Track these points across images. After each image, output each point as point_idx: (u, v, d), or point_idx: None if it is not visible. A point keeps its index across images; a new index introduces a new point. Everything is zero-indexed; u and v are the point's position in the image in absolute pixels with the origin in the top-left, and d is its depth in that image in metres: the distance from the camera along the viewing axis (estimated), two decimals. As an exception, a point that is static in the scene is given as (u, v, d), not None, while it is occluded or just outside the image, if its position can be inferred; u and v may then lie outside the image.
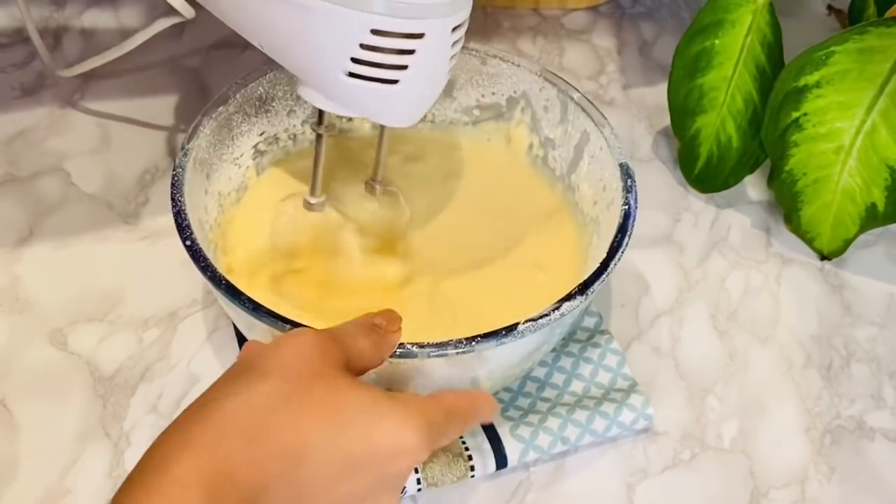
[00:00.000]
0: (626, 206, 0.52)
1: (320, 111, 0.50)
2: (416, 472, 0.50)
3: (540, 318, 0.45)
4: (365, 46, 0.44)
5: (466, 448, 0.52)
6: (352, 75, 0.45)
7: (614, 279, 0.62)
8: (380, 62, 0.45)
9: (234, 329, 0.57)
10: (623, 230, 0.50)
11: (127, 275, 0.60)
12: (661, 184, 0.70)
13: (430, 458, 0.51)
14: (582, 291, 0.47)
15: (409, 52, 0.45)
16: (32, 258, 0.61)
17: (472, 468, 0.51)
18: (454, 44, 0.47)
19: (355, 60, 0.45)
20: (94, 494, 0.51)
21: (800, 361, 0.60)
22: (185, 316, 0.58)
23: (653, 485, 0.53)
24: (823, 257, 0.66)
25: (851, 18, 0.74)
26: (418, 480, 0.50)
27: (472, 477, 0.51)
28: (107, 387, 0.55)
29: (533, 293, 0.53)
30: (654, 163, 0.71)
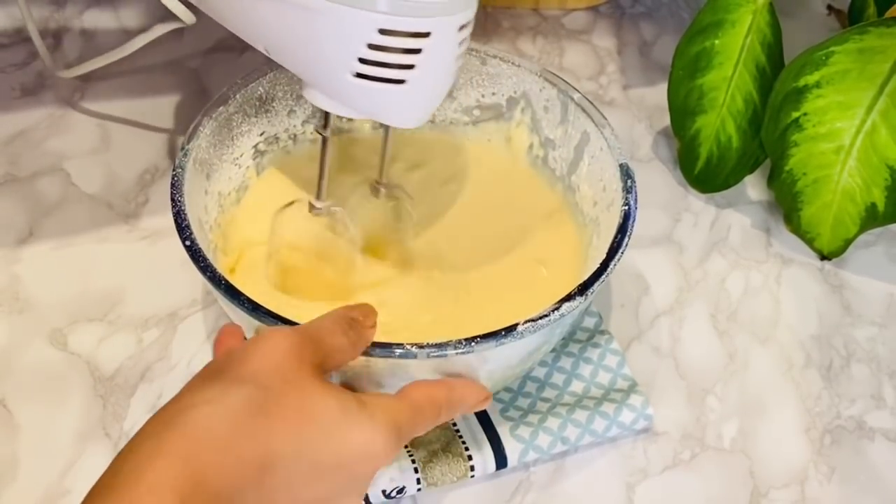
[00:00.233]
0: (626, 207, 0.52)
1: (326, 114, 0.50)
2: (416, 472, 0.50)
3: (540, 319, 0.45)
4: (372, 46, 0.44)
5: (466, 448, 0.52)
6: (359, 76, 0.45)
7: (614, 279, 0.62)
8: (387, 62, 0.45)
9: (234, 329, 0.57)
10: (623, 231, 0.50)
11: (127, 275, 0.60)
12: (661, 184, 0.70)
13: (429, 458, 0.51)
14: (582, 292, 0.47)
15: (416, 51, 0.45)
16: (32, 258, 0.61)
17: (472, 468, 0.51)
18: (461, 43, 0.46)
19: (363, 61, 0.44)
20: (94, 494, 0.50)
21: (800, 361, 0.60)
22: (185, 316, 0.58)
23: (653, 485, 0.53)
24: (823, 257, 0.66)
25: (851, 18, 0.74)
26: (418, 480, 0.50)
27: (472, 477, 0.51)
28: (107, 387, 0.55)
29: (533, 293, 0.53)
30: (654, 163, 0.71)
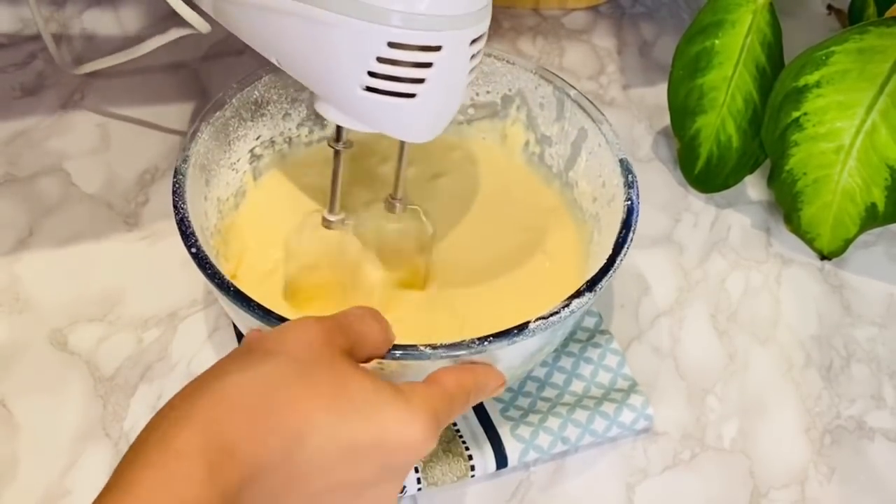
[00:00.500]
0: (629, 202, 0.52)
1: (338, 128, 0.49)
2: (416, 471, 0.50)
3: (550, 317, 0.45)
4: (382, 60, 0.43)
5: (466, 448, 0.52)
6: (369, 89, 0.44)
7: (615, 279, 0.62)
8: (397, 75, 0.44)
9: (234, 329, 0.57)
10: (627, 226, 0.50)
11: (127, 275, 0.60)
12: (661, 184, 0.70)
13: (430, 457, 0.51)
14: (591, 288, 0.47)
15: (427, 65, 0.44)
16: (32, 258, 0.61)
17: (472, 468, 0.51)
18: (473, 57, 0.45)
19: (372, 74, 0.44)
20: (94, 494, 0.50)
21: (800, 361, 0.60)
22: (185, 316, 0.58)
23: (653, 485, 0.53)
24: (823, 257, 0.66)
25: (851, 18, 0.74)
26: (418, 480, 0.50)
27: (472, 477, 0.51)
28: (107, 387, 0.55)
29: (536, 292, 0.53)
30: (654, 163, 0.71)
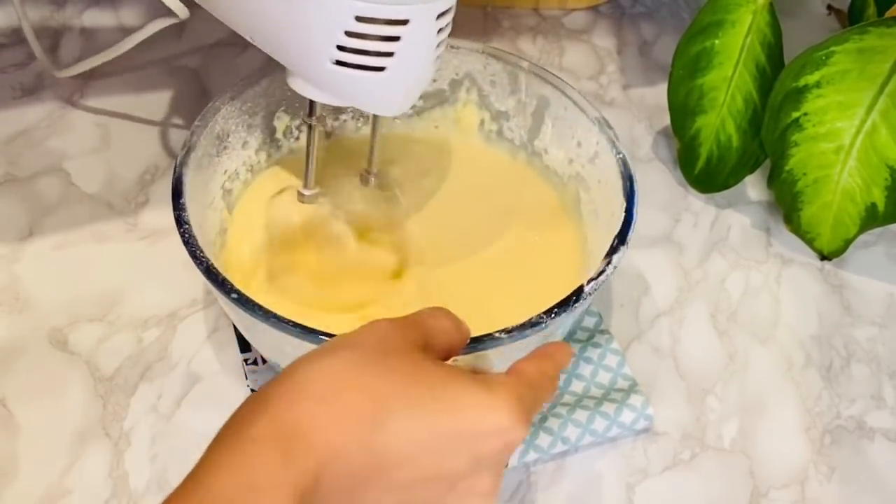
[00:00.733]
0: (620, 155, 0.53)
1: (311, 102, 0.50)
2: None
3: (598, 277, 0.46)
4: (350, 34, 0.44)
5: (466, 448, 0.52)
6: (338, 63, 0.45)
7: (614, 279, 0.62)
8: (365, 49, 0.45)
9: (234, 329, 0.57)
10: (628, 179, 0.51)
11: (127, 275, 0.60)
12: (661, 184, 0.70)
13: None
14: (622, 240, 0.48)
15: (395, 38, 0.45)
16: (32, 258, 0.61)
17: (473, 468, 0.51)
18: (440, 30, 0.47)
19: (341, 48, 0.45)
20: (94, 494, 0.50)
21: (800, 361, 0.60)
22: (185, 316, 0.58)
23: (653, 485, 0.53)
24: (823, 257, 0.66)
25: (851, 18, 0.74)
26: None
27: (472, 477, 0.51)
28: (107, 387, 0.55)
29: (534, 266, 0.53)
30: (654, 163, 0.71)
